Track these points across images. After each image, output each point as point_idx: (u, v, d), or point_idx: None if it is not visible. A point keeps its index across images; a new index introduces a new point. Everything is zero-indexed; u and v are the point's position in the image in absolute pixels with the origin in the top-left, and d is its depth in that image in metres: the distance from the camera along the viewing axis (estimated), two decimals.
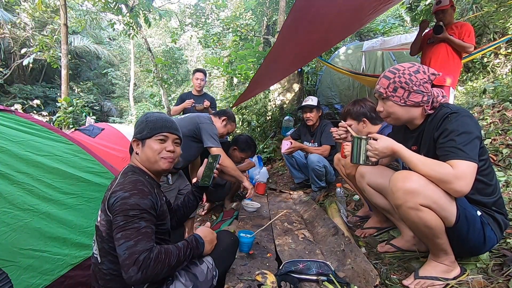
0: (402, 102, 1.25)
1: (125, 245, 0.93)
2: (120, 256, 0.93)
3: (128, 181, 1.08)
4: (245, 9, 9.07)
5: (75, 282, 1.40)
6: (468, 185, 1.07)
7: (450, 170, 1.07)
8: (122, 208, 0.99)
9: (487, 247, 1.21)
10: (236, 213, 2.66)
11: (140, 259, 0.91)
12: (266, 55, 2.53)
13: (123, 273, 0.91)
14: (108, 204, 1.04)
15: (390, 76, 1.27)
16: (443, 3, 2.79)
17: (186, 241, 1.12)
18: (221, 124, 2.47)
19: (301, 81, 5.42)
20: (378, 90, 1.31)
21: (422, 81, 1.22)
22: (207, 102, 3.51)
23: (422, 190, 1.09)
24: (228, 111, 2.60)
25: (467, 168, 1.07)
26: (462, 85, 4.91)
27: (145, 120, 1.26)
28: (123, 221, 0.97)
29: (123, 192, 1.02)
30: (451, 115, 1.16)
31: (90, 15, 11.79)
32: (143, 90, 16.52)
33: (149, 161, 1.23)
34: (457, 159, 1.08)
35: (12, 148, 1.43)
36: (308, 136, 3.20)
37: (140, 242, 0.94)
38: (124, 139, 3.51)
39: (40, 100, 8.12)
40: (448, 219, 1.11)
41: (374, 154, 1.23)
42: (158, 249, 0.97)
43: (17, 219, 1.31)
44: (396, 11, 8.66)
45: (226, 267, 1.32)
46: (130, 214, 0.98)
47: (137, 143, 1.25)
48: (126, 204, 0.99)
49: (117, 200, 1.00)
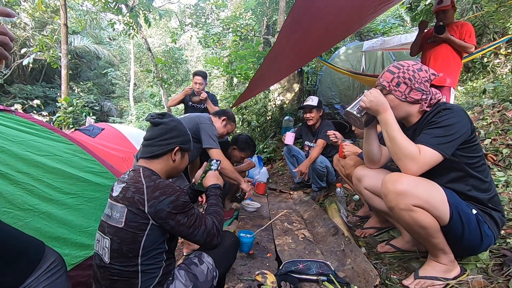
0: (403, 97, 1.27)
1: (201, 232, 1.16)
2: (199, 241, 1.19)
3: (163, 185, 1.12)
4: (245, 9, 9.07)
5: (75, 282, 1.40)
6: (420, 169, 1.12)
7: (417, 151, 1.13)
8: (177, 209, 1.10)
9: (485, 245, 1.21)
10: (236, 213, 2.66)
11: (215, 231, 1.22)
12: (266, 55, 2.53)
13: (208, 246, 1.22)
14: (150, 210, 1.06)
15: (395, 70, 1.29)
16: (445, 3, 2.79)
17: (212, 195, 1.39)
18: (221, 124, 2.47)
19: (301, 81, 5.42)
20: (381, 83, 1.32)
21: (423, 80, 1.25)
22: (203, 93, 3.48)
23: (412, 191, 1.10)
24: (228, 111, 2.60)
25: (429, 155, 1.11)
26: (462, 85, 4.91)
27: (187, 133, 1.35)
28: (185, 218, 1.12)
29: (168, 196, 1.09)
30: (444, 110, 1.19)
31: (90, 15, 11.80)
32: (143, 90, 16.53)
33: (178, 171, 1.34)
34: (425, 145, 1.13)
35: (12, 148, 1.43)
36: (309, 136, 3.20)
37: (206, 222, 1.19)
38: (124, 139, 3.51)
39: (40, 100, 8.14)
40: (442, 218, 1.12)
41: (367, 96, 1.28)
42: (214, 216, 1.27)
43: (17, 219, 1.32)
44: (396, 11, 8.66)
45: (227, 268, 1.32)
46: (185, 210, 1.13)
47: (180, 152, 1.30)
48: (179, 205, 1.11)
49: (168, 205, 1.08)
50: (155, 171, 1.21)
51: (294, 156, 3.27)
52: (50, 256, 1.02)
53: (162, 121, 1.27)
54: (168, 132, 1.25)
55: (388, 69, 1.33)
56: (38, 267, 0.97)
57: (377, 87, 1.37)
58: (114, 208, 1.11)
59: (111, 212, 1.12)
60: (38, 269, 0.97)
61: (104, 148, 3.16)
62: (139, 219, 1.06)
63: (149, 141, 1.25)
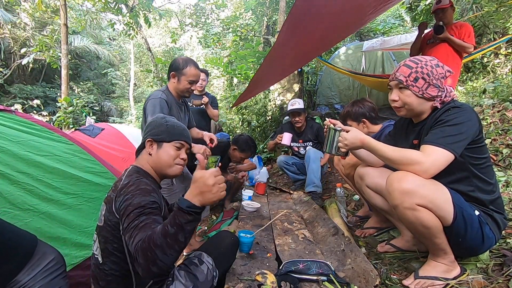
0: (420, 93, 1.22)
1: (131, 242, 0.88)
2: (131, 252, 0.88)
3: (133, 182, 1.08)
4: (245, 9, 9.07)
5: (75, 282, 1.40)
6: (433, 168, 1.09)
7: (418, 154, 1.12)
8: (127, 209, 0.98)
9: (486, 247, 1.21)
10: (236, 213, 2.66)
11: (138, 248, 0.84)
12: (266, 55, 2.53)
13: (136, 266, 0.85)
14: (115, 207, 1.04)
15: (412, 65, 1.23)
16: (443, 2, 2.80)
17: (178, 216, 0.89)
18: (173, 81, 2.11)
19: (301, 81, 5.42)
20: (398, 78, 1.25)
21: (440, 76, 1.22)
22: (205, 98, 3.48)
23: (418, 190, 1.09)
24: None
25: (437, 154, 1.09)
26: (462, 85, 4.91)
27: (165, 123, 1.28)
28: (128, 222, 0.94)
29: (125, 195, 1.03)
30: (453, 109, 1.17)
31: (90, 15, 11.78)
32: (143, 90, 16.51)
33: (162, 164, 1.23)
34: (432, 144, 1.11)
35: (12, 148, 1.43)
36: (294, 136, 3.24)
37: (141, 236, 0.87)
38: (124, 139, 3.51)
39: (40, 100, 8.14)
40: (445, 218, 1.11)
41: (344, 144, 1.30)
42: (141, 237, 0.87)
43: (17, 219, 1.32)
44: (396, 11, 8.65)
45: (226, 268, 1.32)
46: (131, 214, 0.96)
47: (151, 144, 1.25)
48: (130, 205, 0.98)
49: (122, 202, 1.01)
50: (141, 167, 1.23)
51: (294, 163, 3.30)
52: (48, 255, 1.02)
53: None
54: (144, 128, 1.31)
55: (405, 63, 1.26)
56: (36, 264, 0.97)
57: (390, 83, 1.32)
58: (101, 207, 1.14)
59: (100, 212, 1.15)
60: (36, 267, 0.97)
61: (104, 148, 3.15)
62: (113, 217, 1.05)
63: None
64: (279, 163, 3.41)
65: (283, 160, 3.35)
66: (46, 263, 0.99)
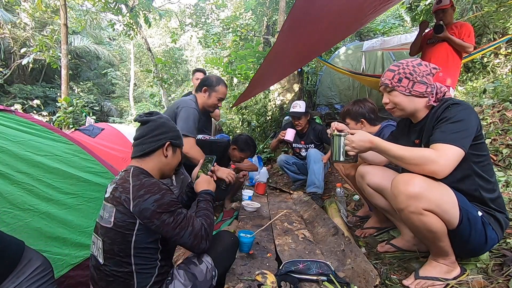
0: (407, 92, 1.27)
1: (187, 233, 1.10)
2: (186, 244, 1.11)
3: (149, 183, 1.10)
4: (245, 9, 9.06)
5: (75, 282, 1.40)
6: (449, 166, 1.08)
7: (431, 151, 1.10)
8: (162, 208, 1.06)
9: (488, 247, 1.21)
10: (236, 213, 2.66)
11: (203, 233, 1.14)
12: (266, 55, 2.53)
13: (195, 249, 1.14)
14: (135, 209, 1.05)
15: (395, 68, 1.31)
16: (444, 2, 2.80)
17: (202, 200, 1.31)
18: (204, 95, 2.28)
19: (301, 81, 5.42)
20: (384, 82, 1.33)
21: (424, 73, 1.26)
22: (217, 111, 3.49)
23: (425, 194, 1.07)
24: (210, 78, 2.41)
25: (450, 152, 1.08)
26: (462, 85, 4.91)
27: (178, 129, 1.35)
28: (171, 217, 1.07)
29: (153, 195, 1.07)
30: (453, 105, 1.18)
31: (90, 15, 11.79)
32: (143, 90, 16.53)
33: (171, 167, 1.32)
34: (443, 142, 1.10)
35: (12, 148, 1.43)
36: (296, 137, 3.22)
37: (193, 224, 1.13)
38: (124, 139, 3.50)
39: (40, 100, 8.15)
40: (451, 222, 1.10)
41: (352, 147, 1.26)
42: (204, 218, 1.20)
43: (17, 219, 1.31)
44: (396, 11, 8.66)
45: (226, 267, 1.32)
46: (172, 210, 1.08)
47: (171, 148, 1.28)
48: (164, 204, 1.07)
49: (152, 204, 1.05)
50: (146, 169, 1.21)
51: (294, 163, 3.29)
52: (34, 261, 1.00)
53: (150, 118, 1.28)
54: (157, 129, 1.26)
55: (389, 68, 1.34)
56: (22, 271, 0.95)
57: (380, 88, 1.38)
58: (106, 208, 1.13)
59: (103, 212, 1.13)
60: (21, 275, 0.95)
61: (104, 148, 3.15)
62: (126, 218, 1.05)
63: (139, 140, 1.25)
64: (279, 162, 3.40)
65: (284, 160, 3.34)
66: (31, 270, 0.98)
